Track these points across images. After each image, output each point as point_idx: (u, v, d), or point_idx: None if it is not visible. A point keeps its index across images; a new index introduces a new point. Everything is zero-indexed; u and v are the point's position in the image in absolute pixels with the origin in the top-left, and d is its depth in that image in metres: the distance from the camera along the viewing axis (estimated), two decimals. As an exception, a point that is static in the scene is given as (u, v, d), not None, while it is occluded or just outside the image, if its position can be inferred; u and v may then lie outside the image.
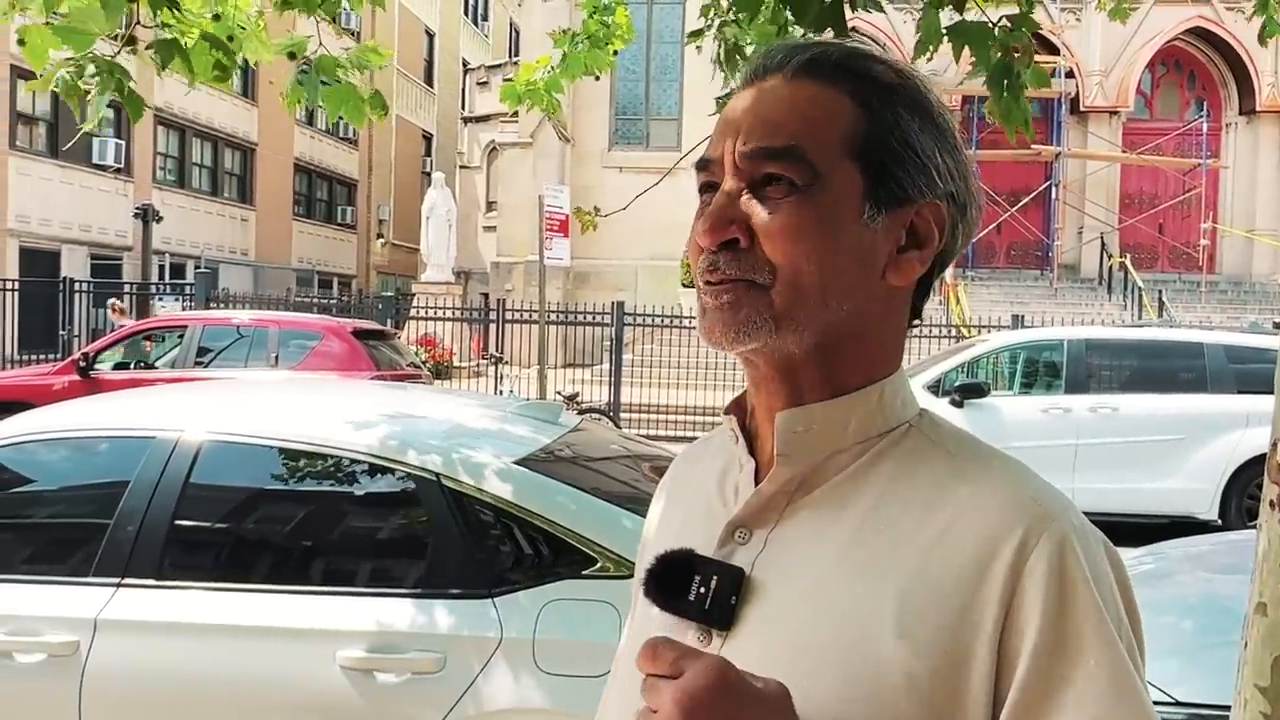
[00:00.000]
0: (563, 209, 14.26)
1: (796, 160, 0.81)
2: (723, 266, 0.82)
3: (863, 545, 0.80)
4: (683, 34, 22.05)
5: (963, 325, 16.35)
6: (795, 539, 0.83)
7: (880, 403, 0.85)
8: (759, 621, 0.81)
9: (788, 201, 0.81)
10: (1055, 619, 0.74)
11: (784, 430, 0.84)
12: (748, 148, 0.82)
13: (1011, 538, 0.77)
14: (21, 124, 21.22)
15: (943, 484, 0.81)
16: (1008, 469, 0.83)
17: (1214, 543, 4.82)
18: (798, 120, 0.82)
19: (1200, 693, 2.65)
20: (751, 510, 0.85)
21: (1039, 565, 0.75)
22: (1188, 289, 21.93)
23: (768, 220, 0.81)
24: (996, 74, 3.42)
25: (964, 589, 0.76)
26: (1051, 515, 0.78)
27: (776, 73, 0.85)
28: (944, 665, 0.75)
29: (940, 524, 0.79)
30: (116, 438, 3.25)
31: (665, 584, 0.82)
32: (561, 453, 3.30)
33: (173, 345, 11.31)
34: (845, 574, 0.80)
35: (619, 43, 4.65)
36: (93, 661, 2.75)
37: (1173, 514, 8.61)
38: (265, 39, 3.66)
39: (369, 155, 34.17)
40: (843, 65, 0.84)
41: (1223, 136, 23.35)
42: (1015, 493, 0.80)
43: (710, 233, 0.82)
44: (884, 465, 0.84)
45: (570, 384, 14.47)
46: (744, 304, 0.81)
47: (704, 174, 0.86)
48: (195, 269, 22.25)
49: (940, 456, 0.84)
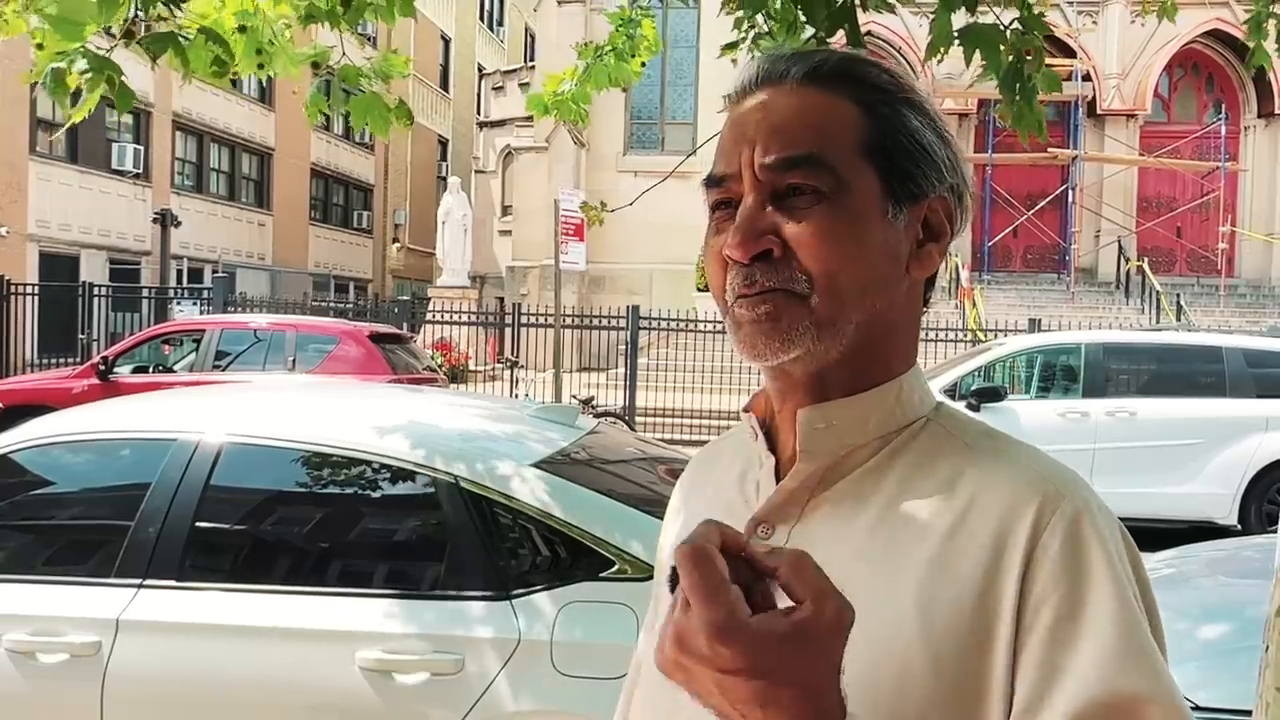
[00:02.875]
0: (578, 213, 14.28)
1: (819, 167, 0.82)
2: (760, 278, 0.81)
3: (883, 535, 0.82)
4: (698, 39, 22.10)
5: (978, 330, 16.27)
6: (817, 533, 0.84)
7: (899, 398, 0.87)
8: None
9: (817, 210, 0.81)
10: (1070, 591, 0.76)
11: (806, 427, 0.85)
12: (769, 159, 0.82)
13: (1026, 516, 0.78)
14: (42, 130, 21.39)
15: (959, 472, 0.83)
16: (1021, 452, 0.84)
17: (1234, 547, 4.79)
18: (812, 128, 0.83)
19: (1222, 698, 2.64)
20: (773, 506, 0.87)
21: (1053, 541, 0.77)
22: (1206, 293, 21.78)
23: (799, 230, 0.81)
24: (1008, 77, 3.41)
25: (981, 571, 0.77)
26: (1063, 493, 0.79)
27: (777, 84, 0.86)
28: (966, 647, 0.76)
29: (956, 510, 0.80)
30: (137, 440, 3.27)
31: None
32: (578, 455, 3.31)
33: (191, 349, 11.38)
34: (867, 563, 0.81)
35: (645, 54, 4.65)
36: (114, 662, 2.77)
37: (1192, 519, 8.55)
38: (293, 54, 3.68)
39: (385, 160, 34.31)
40: (840, 71, 0.86)
41: (1241, 139, 23.20)
42: (1027, 472, 0.81)
43: (743, 245, 0.81)
44: (902, 458, 0.85)
45: (586, 388, 14.50)
46: (784, 314, 0.81)
47: (718, 190, 0.86)
48: (213, 273, 22.34)
49: (957, 448, 0.85)
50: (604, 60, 4.56)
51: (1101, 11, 22.58)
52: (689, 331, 15.99)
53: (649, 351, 16.64)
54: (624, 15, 4.56)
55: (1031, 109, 3.48)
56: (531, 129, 23.32)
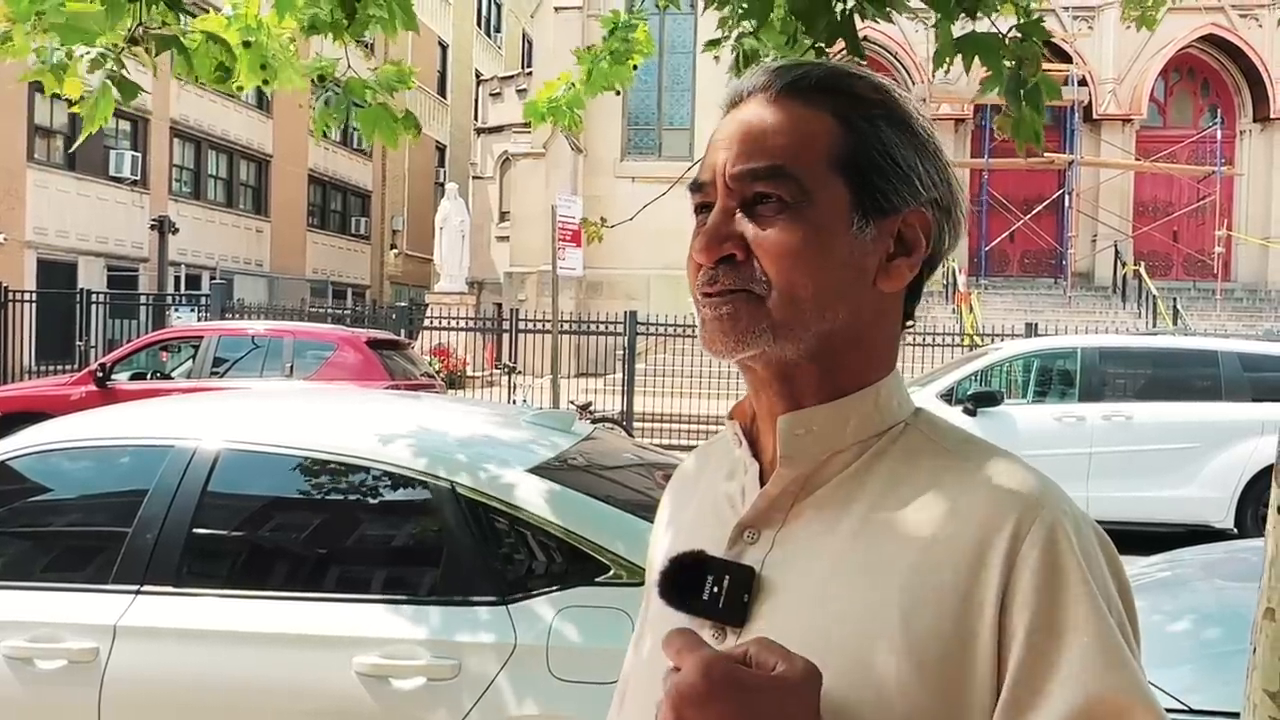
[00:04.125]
0: (575, 219, 14.30)
1: (784, 179, 0.85)
2: (721, 278, 0.86)
3: (865, 541, 0.84)
4: (695, 45, 22.13)
5: (974, 335, 16.29)
6: (802, 537, 0.87)
7: (877, 404, 0.89)
8: (771, 617, 0.84)
9: (780, 218, 0.85)
10: (1048, 601, 0.78)
11: (786, 433, 0.87)
12: (736, 169, 0.86)
13: (1005, 526, 0.80)
14: (39, 136, 21.40)
15: (939, 478, 0.85)
16: (999, 461, 0.86)
17: (1228, 550, 4.80)
18: (783, 140, 0.86)
19: (1215, 700, 2.64)
20: (758, 511, 0.89)
21: (1032, 551, 0.79)
22: (1202, 297, 21.83)
23: (761, 237, 0.85)
24: (1011, 85, 3.42)
25: (963, 577, 0.79)
26: (1042, 503, 0.81)
27: (759, 95, 0.89)
28: (950, 651, 0.78)
29: (938, 516, 0.82)
30: (135, 447, 3.27)
31: (679, 585, 0.85)
32: (575, 461, 3.32)
33: (188, 356, 11.39)
34: (851, 569, 0.83)
35: (639, 57, 4.68)
36: (112, 668, 2.77)
37: (1188, 522, 8.56)
38: (299, 66, 3.70)
39: (383, 166, 34.33)
40: (823, 84, 0.88)
41: (1237, 144, 23.27)
42: (1007, 481, 0.83)
43: (706, 250, 0.86)
44: (883, 463, 0.87)
45: (583, 393, 14.48)
46: (742, 314, 0.85)
47: (699, 195, 0.90)
48: (211, 280, 22.38)
49: (936, 452, 0.88)
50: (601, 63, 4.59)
51: (1097, 17, 22.65)
52: (687, 336, 16.00)
53: (646, 357, 16.65)
54: (617, 19, 4.59)
55: (1039, 114, 3.49)
56: (529, 135, 23.34)
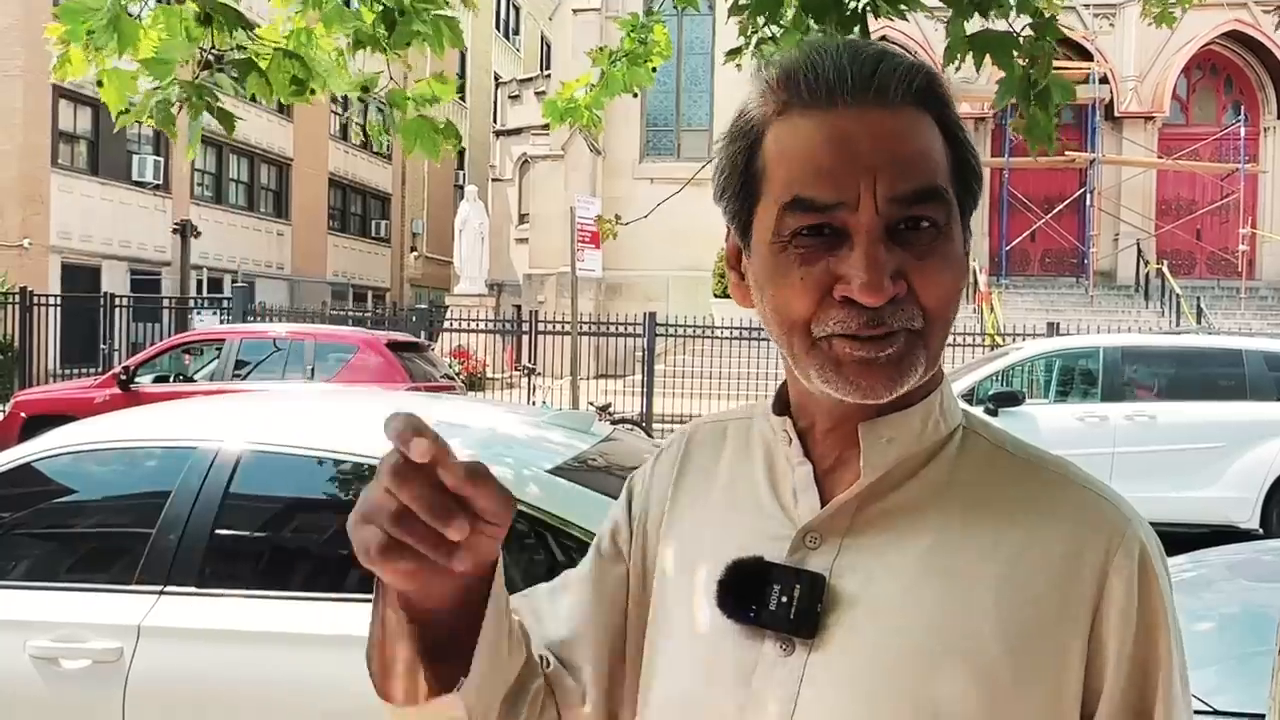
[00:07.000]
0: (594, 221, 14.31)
1: (941, 200, 0.79)
2: (888, 320, 0.77)
3: (947, 551, 0.82)
4: (713, 45, 22.11)
5: (996, 334, 16.19)
6: (873, 545, 0.83)
7: (941, 407, 0.87)
8: (848, 629, 0.81)
9: (937, 245, 0.78)
10: (1139, 631, 0.80)
11: (871, 440, 0.84)
12: (898, 192, 0.76)
13: (1096, 542, 0.81)
14: (63, 142, 21.60)
15: (1014, 486, 0.85)
16: (1069, 471, 0.86)
17: (1255, 551, 4.75)
18: (928, 156, 0.79)
19: (1240, 702, 2.62)
20: (824, 516, 0.85)
21: (1122, 572, 0.80)
22: (1226, 295, 21.61)
23: (924, 267, 0.78)
24: (1021, 87, 3.40)
25: (1056, 589, 0.80)
26: (1127, 519, 0.83)
27: (880, 99, 0.78)
28: (1045, 662, 0.79)
29: (1023, 528, 0.82)
30: (158, 449, 3.30)
31: (737, 594, 0.81)
32: (594, 462, 3.32)
33: (211, 358, 11.46)
34: (935, 580, 0.81)
35: (657, 59, 4.68)
36: (136, 668, 2.80)
37: (1213, 523, 8.47)
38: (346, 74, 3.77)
39: (402, 169, 34.45)
40: (928, 87, 0.80)
41: (1261, 141, 23.02)
42: (1089, 497, 0.84)
43: (878, 290, 0.75)
44: (952, 469, 0.85)
45: (603, 395, 14.50)
46: (906, 353, 0.78)
47: (817, 215, 0.77)
48: (232, 283, 22.49)
49: (1003, 458, 0.87)
50: (617, 66, 4.59)
51: (1119, 14, 22.46)
52: (706, 338, 15.98)
53: (666, 358, 16.63)
54: (635, 21, 4.59)
55: (1048, 114, 3.46)
56: (547, 137, 23.39)
